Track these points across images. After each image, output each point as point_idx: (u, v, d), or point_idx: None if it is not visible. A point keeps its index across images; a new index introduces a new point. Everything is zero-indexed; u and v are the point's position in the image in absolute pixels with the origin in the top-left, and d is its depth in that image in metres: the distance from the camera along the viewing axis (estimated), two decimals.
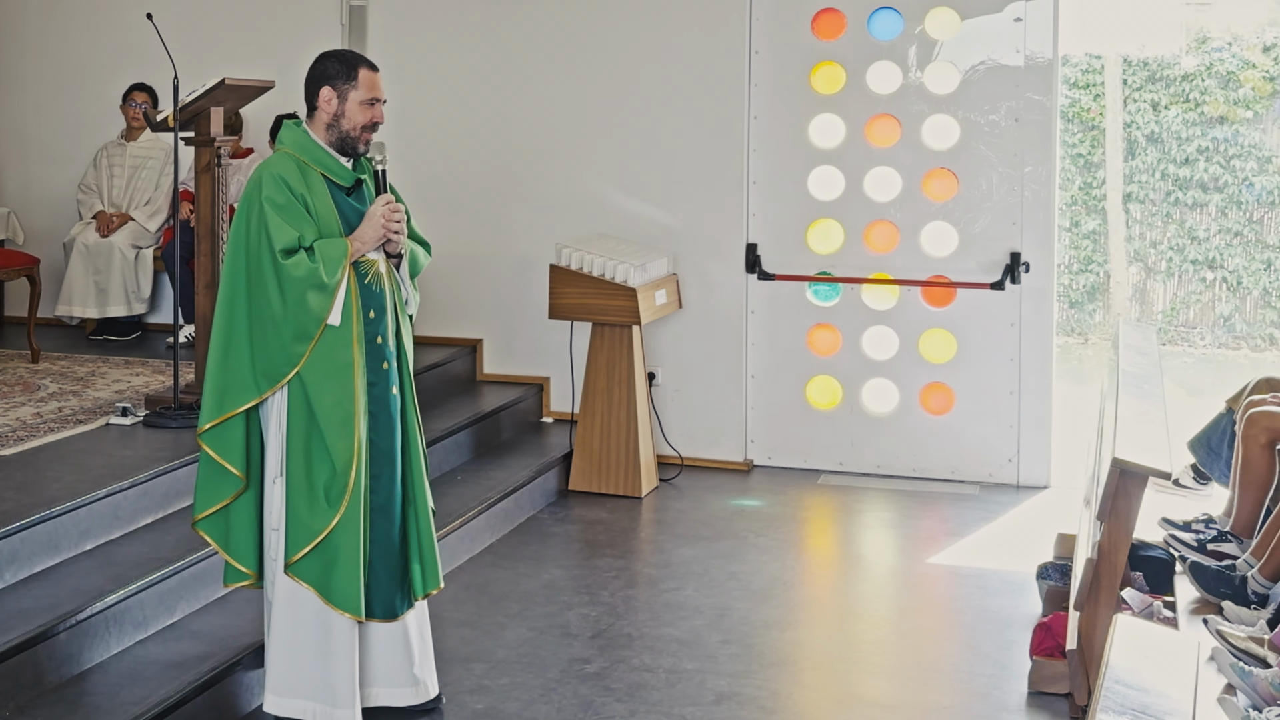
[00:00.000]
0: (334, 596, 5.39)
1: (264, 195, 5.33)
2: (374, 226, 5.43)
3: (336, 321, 5.34)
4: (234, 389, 5.36)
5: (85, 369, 8.95)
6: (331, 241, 5.36)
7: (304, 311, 5.28)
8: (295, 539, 5.37)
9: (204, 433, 5.40)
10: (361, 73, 5.50)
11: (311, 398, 5.34)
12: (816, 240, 9.59)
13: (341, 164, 5.51)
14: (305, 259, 5.28)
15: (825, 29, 9.55)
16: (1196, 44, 15.41)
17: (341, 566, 5.38)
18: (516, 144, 9.98)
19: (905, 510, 8.86)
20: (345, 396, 5.36)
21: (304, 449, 5.37)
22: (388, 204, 5.46)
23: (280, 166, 5.41)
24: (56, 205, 10.78)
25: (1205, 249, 15.26)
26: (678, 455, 9.57)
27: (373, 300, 5.47)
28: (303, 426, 5.37)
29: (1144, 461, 5.51)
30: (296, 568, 5.38)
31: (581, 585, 7.45)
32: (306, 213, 5.36)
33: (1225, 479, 7.41)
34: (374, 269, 5.48)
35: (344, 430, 5.36)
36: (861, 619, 7.20)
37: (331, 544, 5.37)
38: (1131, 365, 7.10)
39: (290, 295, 5.27)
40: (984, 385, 9.35)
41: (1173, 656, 3.83)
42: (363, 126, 5.48)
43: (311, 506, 5.36)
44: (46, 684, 5.48)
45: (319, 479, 5.36)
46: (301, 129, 5.53)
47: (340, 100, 5.47)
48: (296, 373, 5.33)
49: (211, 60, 9.72)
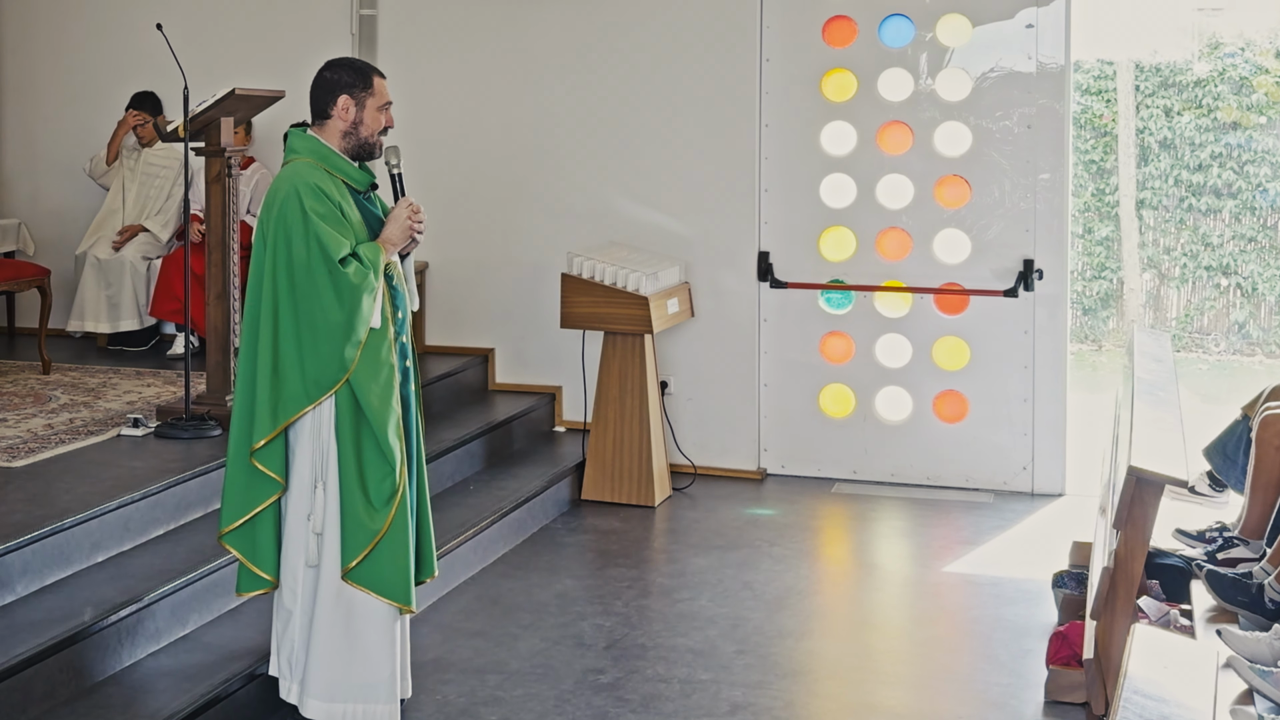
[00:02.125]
0: (389, 591, 5.49)
1: (307, 206, 5.40)
2: (400, 228, 5.57)
3: (378, 323, 5.47)
4: (287, 401, 5.43)
5: (96, 380, 8.95)
6: (371, 246, 5.49)
7: (359, 317, 5.39)
8: (353, 542, 5.46)
9: (258, 450, 5.45)
10: (375, 80, 5.63)
11: (361, 400, 5.42)
12: (829, 248, 9.57)
13: (356, 169, 5.62)
14: (359, 266, 5.41)
15: (836, 36, 9.53)
16: (1209, 49, 15.38)
17: (394, 560, 5.49)
18: (527, 152, 9.96)
19: (920, 519, 8.82)
20: (391, 395, 5.48)
21: (355, 452, 5.46)
22: (410, 205, 5.59)
23: (313, 176, 5.48)
24: (66, 216, 10.78)
25: (1219, 255, 15.22)
26: (691, 464, 9.54)
27: (398, 300, 5.61)
28: (352, 430, 5.45)
29: (1160, 469, 5.48)
30: (355, 573, 5.47)
31: (595, 595, 7.42)
32: (345, 219, 5.48)
33: (1240, 486, 7.38)
34: (396, 270, 5.62)
35: (395, 430, 5.47)
36: (876, 628, 7.16)
37: (386, 541, 5.47)
38: (1146, 372, 7.07)
39: (349, 302, 5.37)
40: (998, 393, 9.32)
41: (1191, 666, 3.80)
42: (379, 131, 5.63)
43: (368, 508, 5.45)
44: (58, 697, 5.46)
45: (371, 480, 5.45)
46: (314, 137, 5.59)
47: (359, 108, 5.58)
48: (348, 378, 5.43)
49: (221, 70, 9.72)
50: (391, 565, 5.49)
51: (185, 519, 6.85)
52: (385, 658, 5.57)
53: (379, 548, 5.46)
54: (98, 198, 10.59)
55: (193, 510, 6.87)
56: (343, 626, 5.53)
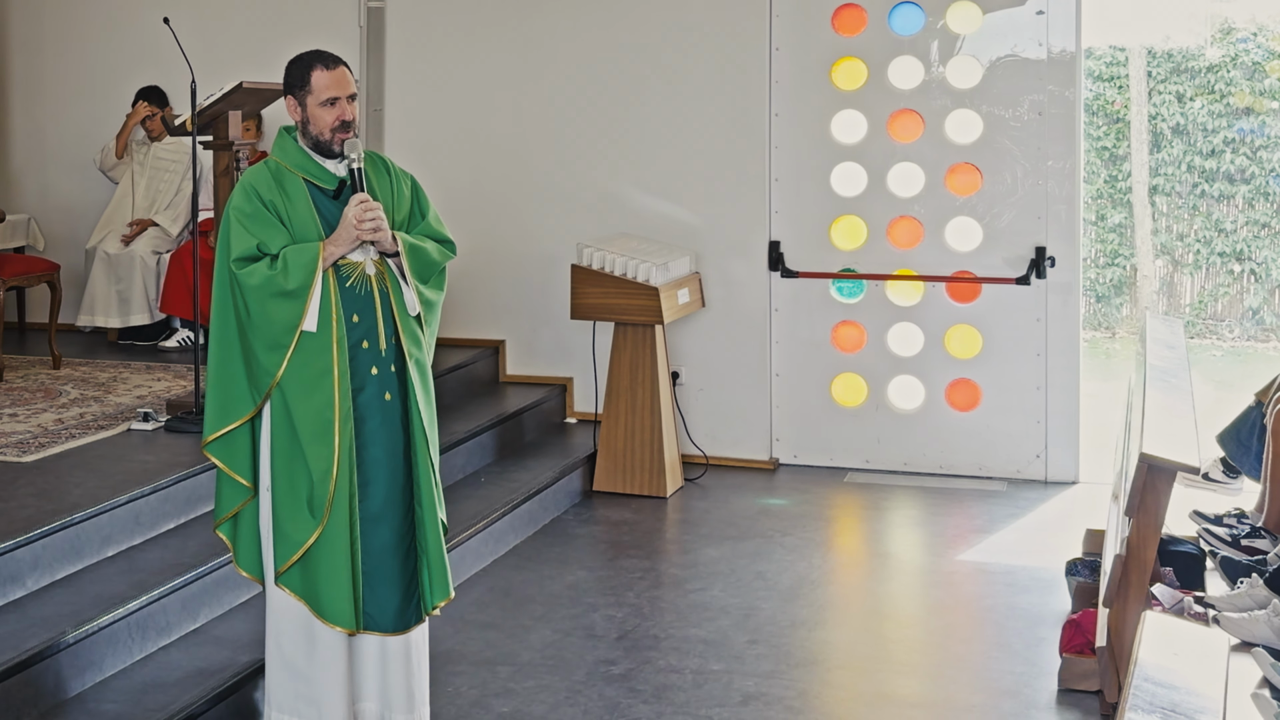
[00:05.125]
0: (322, 609, 5.24)
1: (232, 205, 5.21)
2: (346, 228, 5.20)
3: (313, 328, 5.17)
4: (234, 400, 5.24)
5: (107, 374, 8.95)
6: (301, 247, 5.18)
7: (269, 321, 5.14)
8: (280, 551, 5.24)
9: (209, 444, 5.29)
10: (314, 75, 5.28)
11: (291, 406, 5.19)
12: (840, 237, 9.54)
13: (324, 167, 5.32)
14: (262, 267, 5.13)
15: (846, 24, 9.50)
16: (1221, 35, 15.33)
17: (328, 578, 5.22)
18: (536, 143, 9.95)
19: (932, 507, 8.80)
20: (324, 404, 5.19)
21: (286, 459, 5.22)
22: (361, 203, 5.20)
23: (253, 176, 5.28)
24: (75, 211, 10.79)
25: (1232, 241, 15.18)
26: (702, 455, 9.53)
27: (357, 303, 5.26)
28: (285, 436, 5.22)
29: (1172, 456, 5.45)
30: (285, 579, 5.25)
31: (607, 586, 7.41)
32: (279, 220, 5.21)
33: (1255, 473, 7.34)
34: (358, 271, 5.26)
35: (321, 439, 5.19)
36: (889, 617, 7.15)
37: (316, 556, 5.22)
38: (1159, 359, 7.04)
39: (252, 304, 5.14)
40: (1010, 381, 9.29)
41: (1203, 653, 3.77)
42: (331, 128, 5.27)
43: (294, 518, 5.21)
44: (69, 690, 5.47)
45: (301, 490, 5.21)
46: (290, 135, 5.38)
47: (301, 107, 5.30)
48: (278, 382, 5.18)
49: (229, 63, 9.70)
50: (326, 580, 5.22)
51: (195, 513, 6.84)
52: (333, 674, 5.30)
53: (309, 559, 5.20)
54: (107, 192, 10.60)
55: (203, 504, 6.85)
56: (284, 636, 5.31)
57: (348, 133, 5.29)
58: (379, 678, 5.42)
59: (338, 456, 5.20)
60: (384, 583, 5.32)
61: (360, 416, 5.26)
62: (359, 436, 5.27)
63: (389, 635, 5.35)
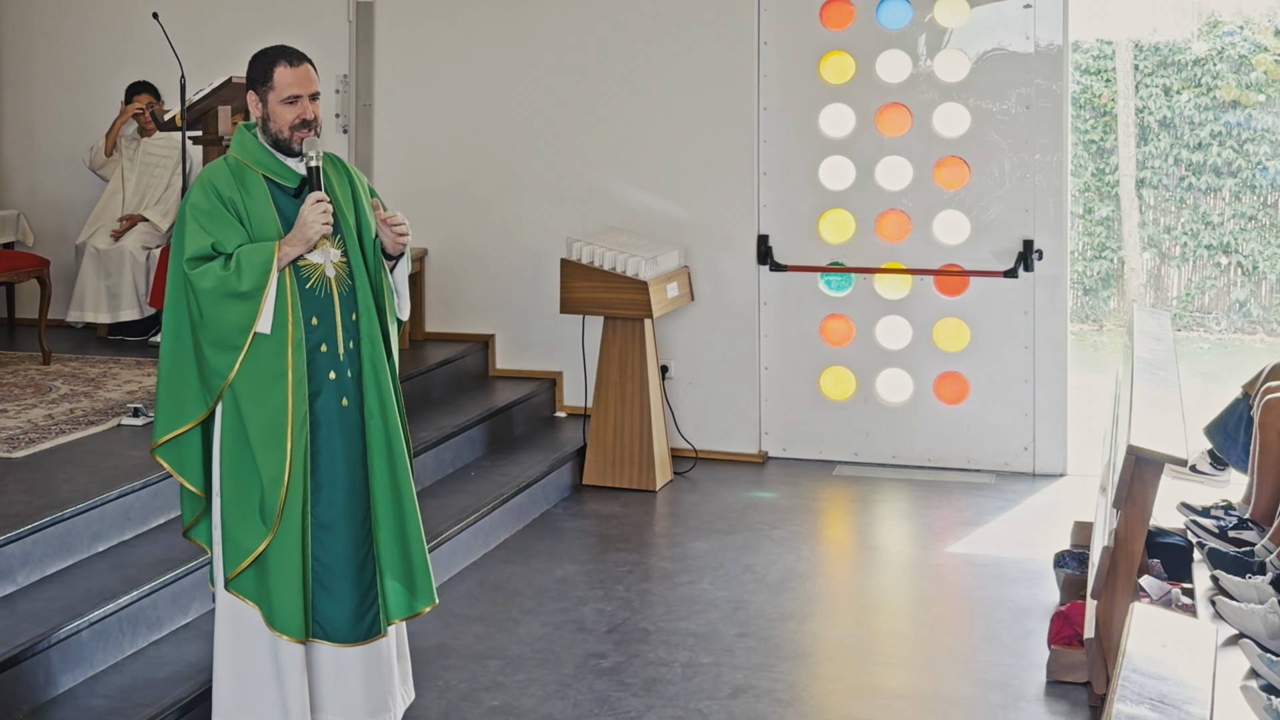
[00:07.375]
0: (273, 618, 5.13)
1: (189, 202, 5.12)
2: (302, 227, 5.09)
3: (267, 329, 5.07)
4: (185, 403, 5.13)
5: (96, 370, 8.95)
6: (256, 247, 5.07)
7: (220, 321, 5.04)
8: (229, 557, 5.14)
9: (158, 448, 5.19)
10: (276, 72, 5.18)
11: (243, 410, 5.08)
12: (828, 230, 9.56)
13: (284, 165, 5.23)
14: (214, 267, 5.03)
15: (834, 18, 9.51)
16: (1208, 28, 15.34)
17: (279, 587, 5.12)
18: (525, 138, 9.95)
19: (921, 500, 8.82)
20: (276, 408, 5.08)
21: (236, 465, 5.11)
22: (318, 202, 5.10)
23: (212, 172, 5.19)
24: (65, 207, 10.78)
25: (1220, 234, 15.20)
26: (692, 448, 9.54)
27: (316, 306, 5.16)
28: (235, 441, 5.11)
29: (1160, 449, 5.47)
30: (236, 584, 5.14)
31: (596, 580, 7.42)
32: (237, 219, 5.12)
33: (1242, 465, 7.37)
34: (318, 272, 5.16)
35: (272, 444, 5.08)
36: (878, 610, 7.16)
37: (266, 563, 5.12)
38: (1146, 352, 7.06)
39: (205, 306, 5.05)
40: (999, 374, 9.32)
41: (1191, 644, 3.79)
42: (291, 125, 5.18)
43: (243, 524, 5.10)
44: (59, 686, 5.47)
45: (252, 496, 5.09)
46: (250, 131, 5.28)
47: (263, 104, 5.20)
48: (229, 384, 5.09)
49: (218, 58, 9.69)
50: (277, 588, 5.11)
51: None
52: (290, 683, 5.17)
53: (259, 566, 5.10)
54: (96, 188, 10.58)
55: None
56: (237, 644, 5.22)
57: (307, 131, 5.21)
58: (335, 690, 5.29)
59: (290, 462, 5.09)
60: (336, 592, 5.21)
61: (316, 422, 5.17)
62: (314, 442, 5.17)
63: (342, 646, 5.24)
